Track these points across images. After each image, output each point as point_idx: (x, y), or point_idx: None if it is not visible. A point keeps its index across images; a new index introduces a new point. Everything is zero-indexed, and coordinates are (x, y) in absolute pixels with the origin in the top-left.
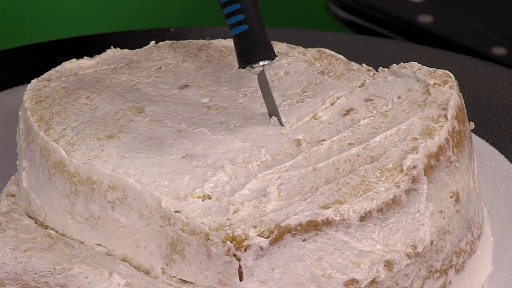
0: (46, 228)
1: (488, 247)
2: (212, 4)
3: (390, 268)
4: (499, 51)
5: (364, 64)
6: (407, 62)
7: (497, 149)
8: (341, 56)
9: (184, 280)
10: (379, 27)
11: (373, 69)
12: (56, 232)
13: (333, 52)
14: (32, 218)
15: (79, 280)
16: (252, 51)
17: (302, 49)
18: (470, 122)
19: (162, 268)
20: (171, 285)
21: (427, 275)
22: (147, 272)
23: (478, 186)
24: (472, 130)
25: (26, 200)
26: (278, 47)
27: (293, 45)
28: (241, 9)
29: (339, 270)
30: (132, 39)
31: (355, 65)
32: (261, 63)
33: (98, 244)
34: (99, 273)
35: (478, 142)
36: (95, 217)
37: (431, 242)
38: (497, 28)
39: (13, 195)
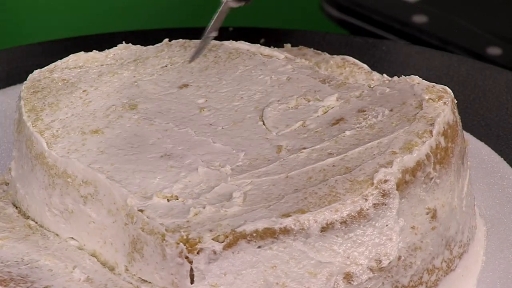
0: (28, 218)
1: (475, 266)
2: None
3: (349, 281)
4: (494, 51)
5: (385, 75)
6: (407, 76)
7: (493, 149)
8: (364, 65)
9: (143, 279)
10: (373, 27)
11: (391, 79)
12: (36, 223)
13: (356, 61)
14: (16, 208)
15: (43, 272)
16: None
17: (327, 55)
18: (466, 139)
19: (125, 266)
20: (131, 283)
21: None
22: (112, 269)
23: (468, 204)
24: (467, 130)
25: (14, 190)
26: (304, 51)
27: (319, 51)
28: None
29: (294, 280)
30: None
31: (376, 75)
32: None
33: (72, 238)
34: (64, 267)
35: (473, 143)
36: (68, 210)
37: (399, 257)
38: (492, 28)
39: (7, 184)
